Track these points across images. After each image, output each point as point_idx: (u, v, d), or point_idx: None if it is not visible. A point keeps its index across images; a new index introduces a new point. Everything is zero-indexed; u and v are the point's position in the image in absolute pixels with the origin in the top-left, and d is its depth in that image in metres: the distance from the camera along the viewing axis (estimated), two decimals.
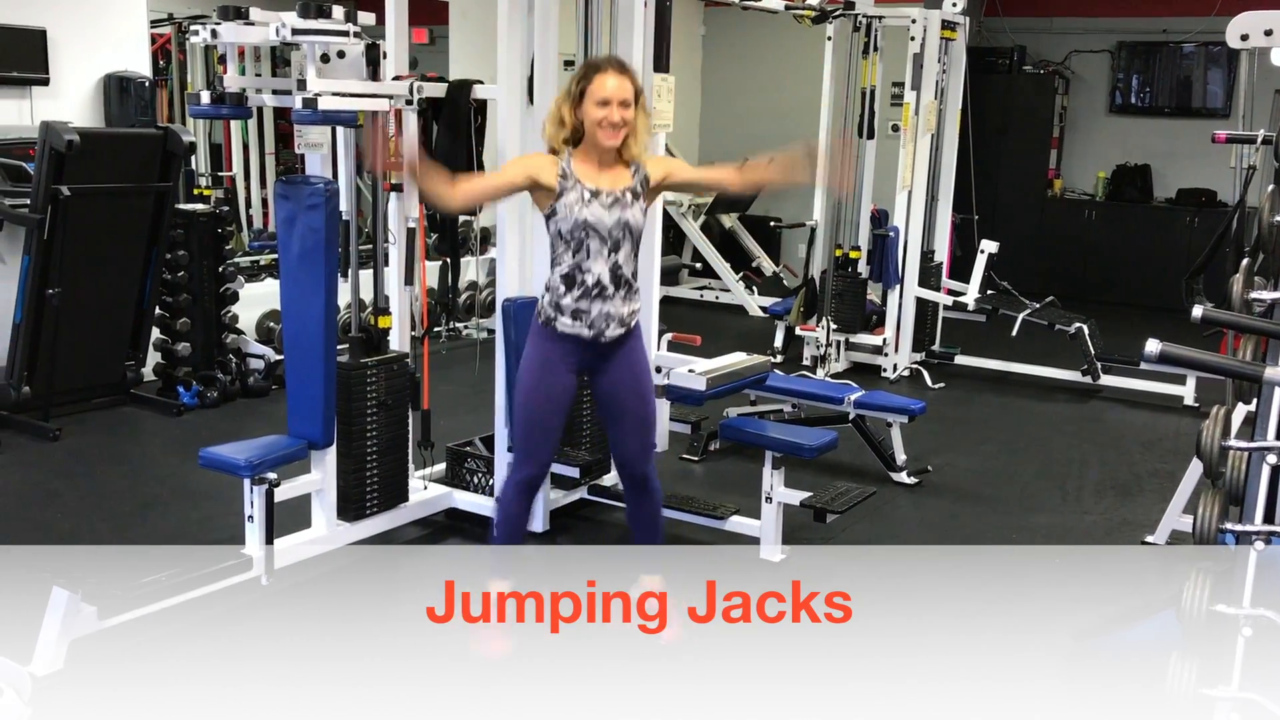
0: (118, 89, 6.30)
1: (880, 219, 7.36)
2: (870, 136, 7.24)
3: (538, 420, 3.45)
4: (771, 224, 9.36)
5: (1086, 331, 6.99)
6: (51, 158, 5.26)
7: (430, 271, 4.58)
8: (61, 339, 5.56)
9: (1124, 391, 6.96)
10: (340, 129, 4.12)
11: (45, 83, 6.01)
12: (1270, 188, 3.25)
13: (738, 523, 4.38)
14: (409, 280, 4.39)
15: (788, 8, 6.82)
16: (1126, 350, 6.83)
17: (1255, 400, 3.05)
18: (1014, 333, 7.08)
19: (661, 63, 4.49)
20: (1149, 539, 4.61)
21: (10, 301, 5.51)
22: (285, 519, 3.88)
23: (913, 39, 7.04)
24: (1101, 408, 6.85)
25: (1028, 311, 7.17)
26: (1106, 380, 7.01)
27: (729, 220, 9.91)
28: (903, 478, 5.25)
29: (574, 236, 3.31)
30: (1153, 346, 3.70)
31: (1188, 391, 6.75)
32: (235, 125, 8.23)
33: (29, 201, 5.37)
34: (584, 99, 3.30)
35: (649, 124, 3.47)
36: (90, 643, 3.37)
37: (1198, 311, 3.37)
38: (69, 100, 6.17)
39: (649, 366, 3.65)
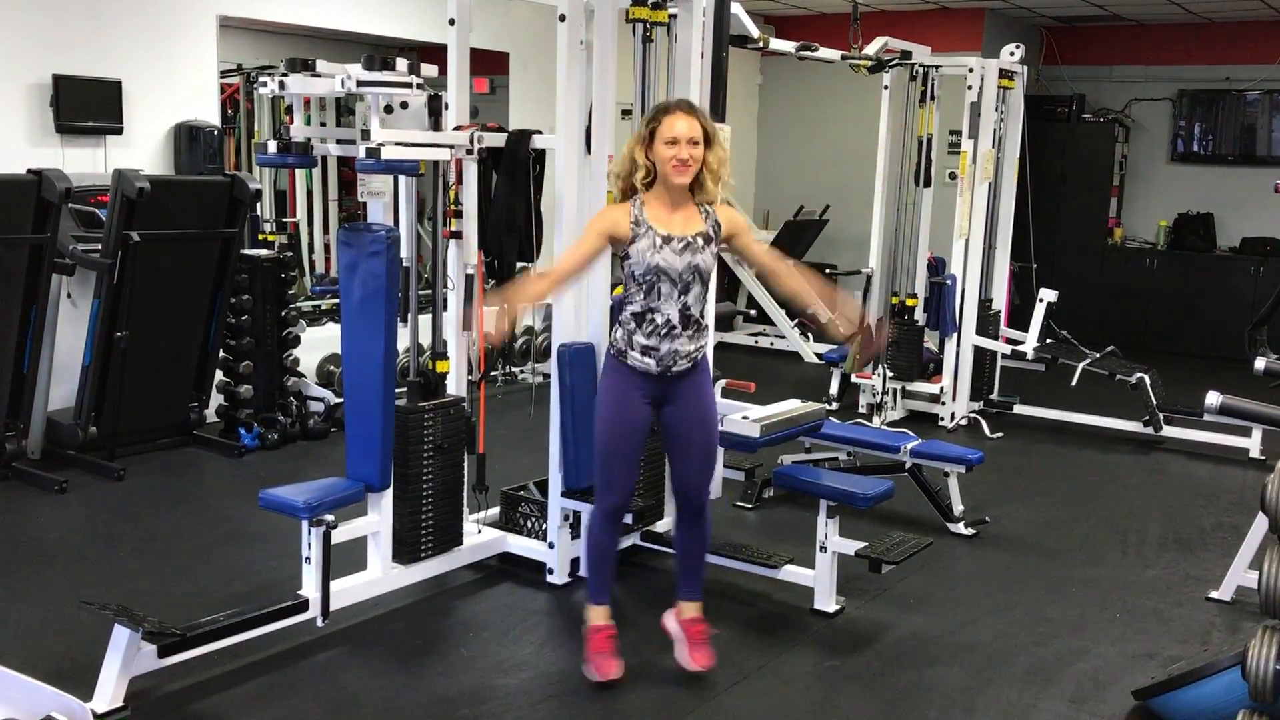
0: (187, 138, 6.48)
1: (937, 267, 7.33)
2: (927, 184, 7.24)
3: (616, 449, 3.53)
4: (827, 271, 9.35)
5: (1148, 382, 6.89)
6: (123, 204, 5.41)
7: (488, 317, 4.63)
8: (128, 381, 5.69)
9: (1187, 443, 6.85)
10: (402, 178, 4.20)
11: (119, 132, 6.20)
12: None
13: (791, 572, 4.35)
14: (467, 325, 4.45)
15: (844, 57, 6.86)
16: (1189, 401, 6.71)
17: None
18: (1074, 382, 6.99)
19: (718, 112, 4.53)
20: (1213, 595, 4.51)
21: (80, 344, 5.65)
22: (341, 561, 3.92)
23: (970, 88, 7.04)
24: (1164, 459, 6.73)
25: (1088, 361, 7.09)
26: (1169, 431, 6.90)
27: None
28: (960, 528, 5.19)
29: (646, 280, 3.40)
30: (1213, 399, 3.65)
31: (1253, 444, 6.62)
32: (299, 173, 8.42)
33: (100, 247, 5.51)
34: (654, 139, 3.38)
35: (726, 163, 3.51)
36: (149, 680, 3.42)
37: (1260, 364, 3.33)
38: (141, 149, 6.35)
39: (714, 399, 3.71)
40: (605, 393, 3.55)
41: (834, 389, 7.54)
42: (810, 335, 9.43)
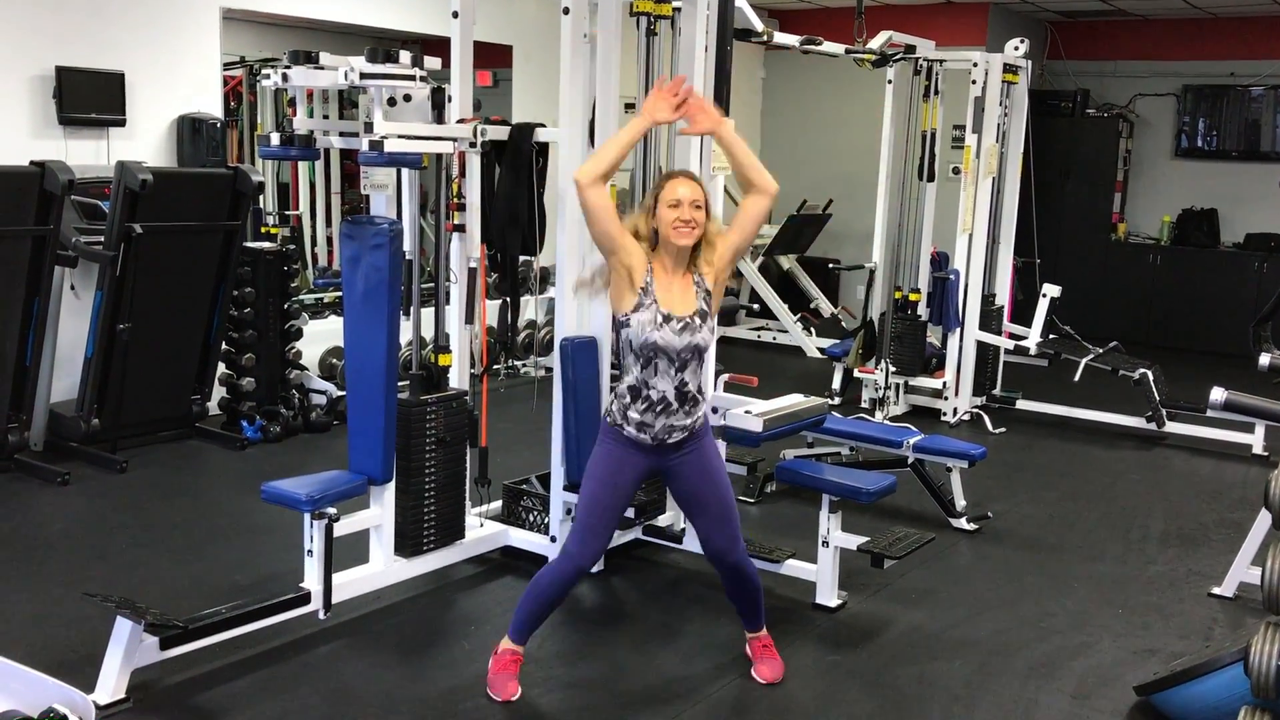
0: (190, 130, 6.47)
1: (940, 261, 7.32)
2: (931, 179, 7.22)
3: (601, 514, 3.47)
4: (830, 265, 9.35)
5: (1151, 377, 6.88)
6: (126, 196, 5.41)
7: (490, 310, 4.63)
8: (130, 373, 5.69)
9: (1190, 439, 6.84)
10: (405, 171, 4.19)
11: (122, 124, 6.19)
12: None
13: (794, 566, 4.35)
14: (469, 319, 4.44)
15: (848, 51, 6.84)
16: (1192, 397, 6.70)
17: None
18: (1076, 378, 6.98)
19: (722, 106, 4.52)
20: (1215, 591, 4.51)
21: (82, 336, 5.65)
22: (344, 554, 3.92)
23: (974, 82, 7.03)
24: (1166, 455, 6.72)
25: (1091, 356, 7.08)
26: (1172, 427, 6.89)
27: (787, 261, 9.91)
28: (962, 524, 5.18)
29: (643, 354, 3.36)
30: (1217, 395, 3.65)
31: (1256, 440, 6.61)
32: (302, 165, 8.40)
33: (103, 239, 5.51)
34: (658, 205, 3.36)
35: (720, 230, 3.48)
36: (152, 673, 3.43)
37: (1265, 360, 3.32)
38: (144, 141, 6.34)
39: (720, 460, 3.65)
40: (600, 456, 3.49)
41: (836, 384, 7.53)
42: (812, 330, 9.42)
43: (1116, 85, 10.75)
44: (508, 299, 4.70)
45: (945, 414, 7.20)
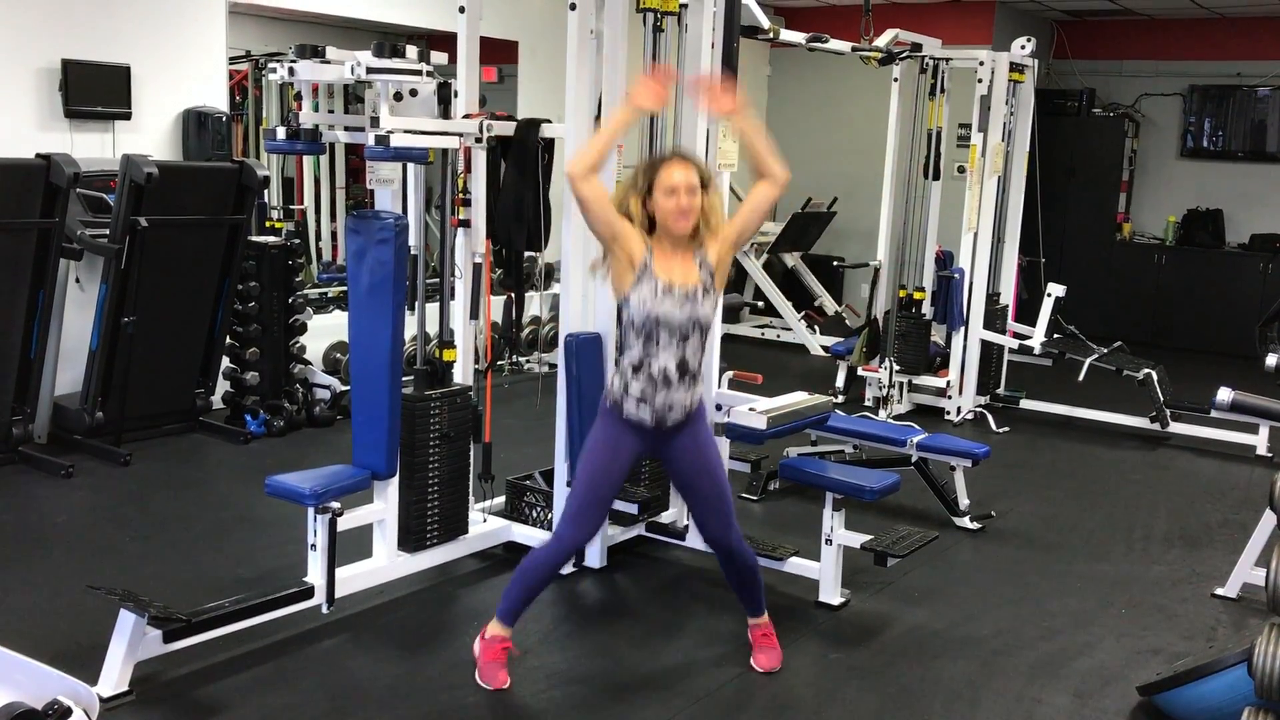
0: (196, 124, 6.47)
1: (945, 260, 7.32)
2: (936, 178, 7.22)
3: (596, 495, 3.51)
4: (834, 263, 9.34)
5: (1155, 378, 6.88)
6: (131, 189, 5.41)
7: (495, 306, 4.64)
8: (135, 366, 5.69)
9: (1193, 439, 6.83)
10: (410, 165, 4.19)
11: (127, 117, 6.19)
12: None
13: (797, 564, 4.35)
14: (474, 314, 4.44)
15: (854, 49, 6.83)
16: (1196, 397, 6.69)
17: None
18: (1081, 378, 6.98)
19: None
20: (1219, 591, 4.51)
21: (87, 329, 5.65)
22: (347, 548, 3.92)
23: (980, 81, 7.02)
24: (1170, 455, 6.72)
25: (1095, 356, 7.08)
26: (1175, 428, 6.88)
27: (791, 259, 9.91)
28: (965, 523, 5.18)
29: (645, 328, 3.36)
30: (1224, 395, 3.64)
31: (1260, 441, 6.60)
32: (307, 160, 8.41)
33: (108, 232, 5.51)
34: (652, 190, 3.35)
35: (720, 207, 3.50)
36: (155, 665, 3.43)
37: (1272, 360, 3.32)
38: (149, 134, 6.34)
39: (714, 444, 3.66)
40: (597, 438, 3.51)
41: (840, 382, 7.53)
42: (816, 328, 9.42)
43: (1122, 85, 10.73)
44: (512, 295, 4.70)
45: (949, 413, 7.19)
